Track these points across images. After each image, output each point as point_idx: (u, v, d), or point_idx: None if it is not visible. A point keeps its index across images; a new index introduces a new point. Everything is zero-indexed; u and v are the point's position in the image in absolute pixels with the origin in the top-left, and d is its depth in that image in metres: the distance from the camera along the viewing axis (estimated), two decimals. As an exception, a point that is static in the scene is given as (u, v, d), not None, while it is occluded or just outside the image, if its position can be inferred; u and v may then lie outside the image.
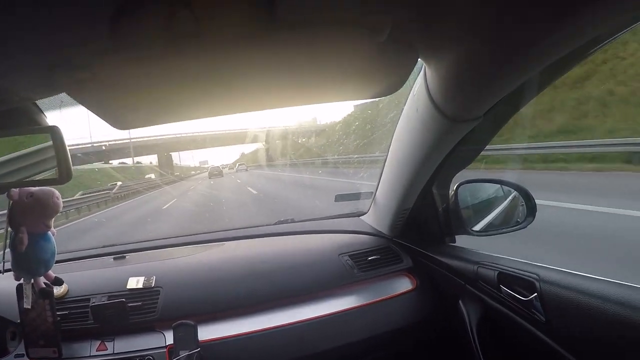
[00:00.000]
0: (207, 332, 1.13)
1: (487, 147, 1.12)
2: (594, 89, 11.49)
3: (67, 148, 0.89)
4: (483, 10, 0.60)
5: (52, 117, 0.96)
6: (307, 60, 0.78)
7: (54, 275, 1.10)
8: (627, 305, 0.72)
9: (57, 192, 1.02)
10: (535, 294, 0.91)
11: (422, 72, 0.90)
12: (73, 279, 1.24)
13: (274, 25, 0.63)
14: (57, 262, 1.09)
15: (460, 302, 1.18)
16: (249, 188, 14.45)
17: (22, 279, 1.04)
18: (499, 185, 1.37)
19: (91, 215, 12.59)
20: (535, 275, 0.93)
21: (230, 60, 0.73)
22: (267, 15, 0.61)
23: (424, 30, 0.70)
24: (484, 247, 1.23)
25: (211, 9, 0.58)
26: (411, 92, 0.99)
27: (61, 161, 0.88)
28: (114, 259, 1.43)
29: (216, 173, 26.39)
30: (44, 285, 1.07)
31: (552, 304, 0.88)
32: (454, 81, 0.80)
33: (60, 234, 1.11)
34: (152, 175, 32.87)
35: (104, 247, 1.57)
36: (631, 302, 0.72)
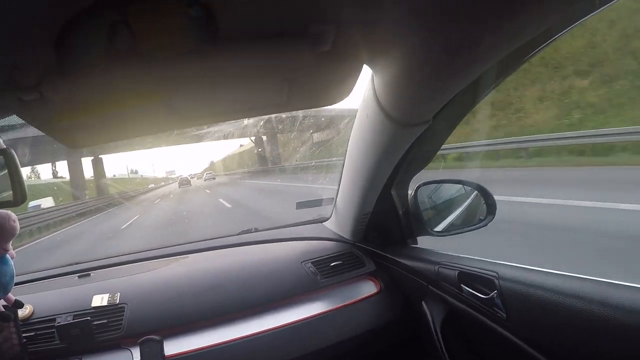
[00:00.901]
0: (174, 347, 1.12)
1: (445, 146, 1.14)
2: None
3: (21, 170, 0.89)
4: (423, 14, 0.62)
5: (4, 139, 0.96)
6: (253, 73, 0.78)
7: (14, 298, 1.09)
8: (582, 297, 0.74)
9: (13, 215, 1.02)
10: (496, 291, 0.93)
11: (370, 78, 0.91)
12: (38, 299, 1.22)
13: (216, 39, 0.64)
14: (22, 283, 1.08)
15: (423, 302, 1.19)
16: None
17: None
18: (460, 185, 1.40)
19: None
20: (494, 273, 0.95)
21: (174, 76, 0.74)
22: (209, 31, 0.62)
23: (367, 37, 0.72)
24: (448, 247, 1.25)
25: (150, 27, 0.59)
26: (362, 98, 1.01)
27: (15, 183, 0.88)
28: (79, 277, 1.41)
29: (185, 183, 31.12)
30: (2, 309, 1.06)
31: (512, 301, 0.89)
32: (400, 86, 0.82)
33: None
34: (41, 204, 18.82)
35: (68, 265, 1.54)
36: (586, 294, 0.74)
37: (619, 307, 0.69)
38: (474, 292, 1.00)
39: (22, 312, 1.14)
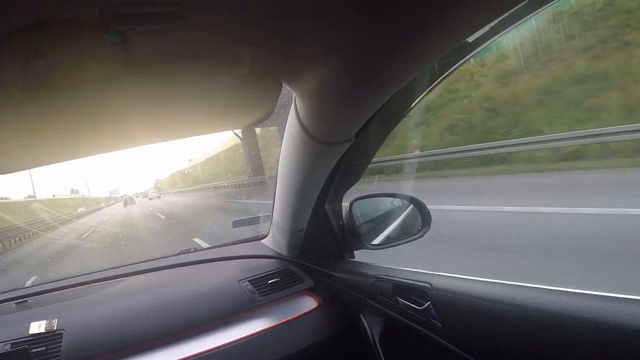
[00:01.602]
0: None
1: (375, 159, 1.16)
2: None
3: None
4: (334, 39, 0.63)
5: None
6: (172, 96, 0.79)
7: None
8: (511, 302, 0.76)
9: None
10: (430, 301, 0.94)
11: (293, 97, 0.92)
12: None
13: (131, 64, 0.64)
14: None
15: (361, 316, 1.19)
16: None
17: None
18: (396, 199, 1.43)
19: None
20: (427, 284, 0.96)
21: (92, 100, 0.73)
22: (122, 56, 0.61)
23: (283, 56, 0.72)
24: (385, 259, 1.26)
25: (64, 54, 0.58)
26: (288, 117, 1.02)
27: None
28: (16, 304, 1.35)
29: (129, 202, 32.26)
30: None
31: (446, 310, 0.91)
32: (319, 105, 0.82)
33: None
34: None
35: (5, 292, 1.47)
36: (514, 300, 0.76)
37: (546, 310, 0.71)
38: (409, 303, 1.01)
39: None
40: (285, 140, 1.08)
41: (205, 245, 8.07)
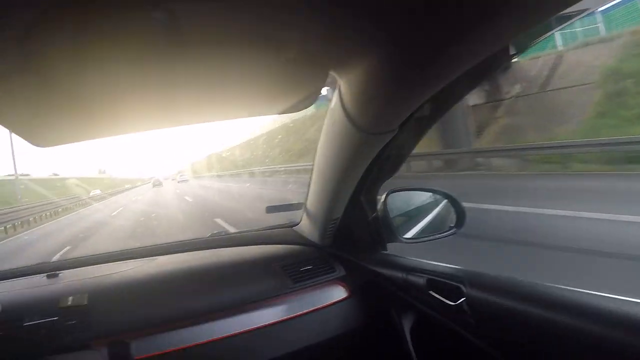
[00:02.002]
0: (142, 348, 1.10)
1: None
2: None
3: None
4: (390, 21, 0.61)
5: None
6: (217, 78, 0.78)
7: None
8: (548, 305, 0.76)
9: None
10: (464, 298, 0.93)
11: (337, 85, 0.90)
12: (4, 299, 1.19)
13: (180, 44, 0.63)
14: None
15: (392, 309, 1.19)
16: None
17: None
18: (430, 193, 1.41)
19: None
20: (462, 280, 0.95)
21: (139, 78, 0.74)
22: (175, 35, 0.61)
23: (333, 45, 0.71)
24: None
25: (115, 29, 0.58)
26: (329, 105, 1.01)
27: None
28: (47, 277, 1.38)
29: (157, 184, 34.32)
30: None
31: (480, 307, 0.90)
32: (366, 95, 0.81)
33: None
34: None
35: (37, 265, 1.51)
36: (552, 302, 0.75)
37: (586, 314, 0.70)
38: (442, 298, 1.01)
39: (-14, 313, 1.10)
40: (326, 129, 1.07)
41: (225, 225, 8.19)
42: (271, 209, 1.84)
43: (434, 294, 1.04)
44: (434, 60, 0.66)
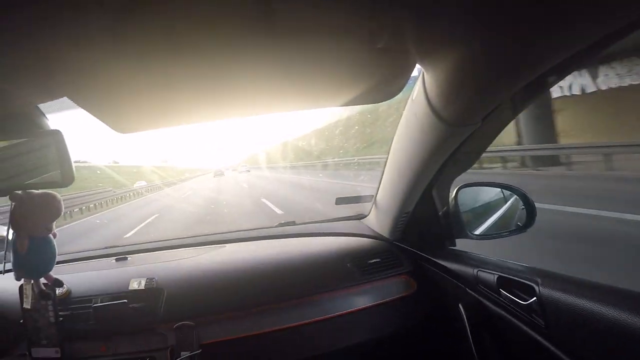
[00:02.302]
0: (208, 334, 1.14)
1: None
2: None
3: (69, 152, 0.89)
4: (481, 13, 0.60)
5: (54, 121, 0.97)
6: (305, 66, 0.78)
7: (54, 276, 1.10)
8: (626, 310, 0.72)
9: (58, 196, 1.03)
10: (535, 298, 0.91)
11: (420, 77, 0.89)
12: (75, 279, 1.25)
13: (272, 32, 0.64)
14: (60, 262, 1.10)
15: (460, 305, 1.18)
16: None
17: (23, 279, 1.05)
18: (499, 189, 1.37)
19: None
20: (534, 280, 0.93)
21: (228, 66, 0.74)
22: (266, 22, 0.61)
23: (422, 35, 0.70)
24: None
25: (211, 16, 0.59)
26: (410, 97, 0.99)
27: (64, 164, 0.89)
28: (116, 260, 1.44)
29: (219, 174, 35.50)
30: (43, 287, 1.08)
31: (552, 309, 0.87)
32: (452, 86, 0.80)
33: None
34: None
35: (106, 248, 1.57)
36: (630, 307, 0.72)
37: None
38: (512, 297, 0.98)
39: (59, 291, 1.16)
40: (406, 122, 1.06)
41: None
42: (340, 201, 1.84)
43: (504, 291, 1.01)
44: (523, 54, 0.65)
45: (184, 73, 0.75)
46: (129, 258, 1.45)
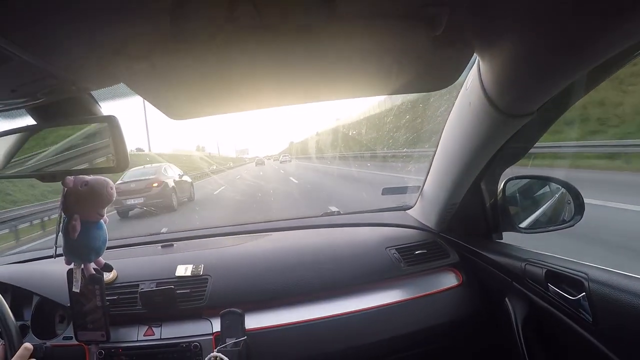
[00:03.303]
0: (255, 321, 1.14)
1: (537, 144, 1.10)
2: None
3: (124, 137, 0.90)
4: (539, 2, 0.59)
5: (108, 107, 0.98)
6: (363, 53, 0.77)
7: (103, 261, 1.12)
8: None
9: (111, 182, 1.04)
10: (584, 293, 0.89)
11: (475, 66, 0.89)
12: (122, 265, 1.27)
13: (331, 17, 0.63)
14: (107, 248, 1.11)
15: (506, 299, 1.16)
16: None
17: (73, 263, 1.07)
18: (546, 182, 1.34)
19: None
20: (584, 275, 0.91)
21: (287, 52, 0.73)
22: (326, 7, 0.60)
23: (480, 23, 0.70)
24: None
25: (273, 2, 0.58)
26: (464, 86, 0.98)
27: (119, 150, 0.90)
28: (162, 247, 1.46)
29: (260, 163, 36.90)
30: (93, 271, 1.09)
31: (601, 305, 0.85)
32: (509, 75, 0.79)
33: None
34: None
35: (152, 234, 1.60)
36: None
37: None
38: (560, 292, 0.97)
39: (106, 276, 1.19)
40: (459, 111, 1.04)
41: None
42: (387, 191, 1.83)
43: (552, 286, 1.00)
44: (581, 45, 0.63)
45: (241, 60, 0.74)
46: (175, 245, 1.47)
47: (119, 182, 9.02)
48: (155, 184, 9.56)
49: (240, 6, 0.59)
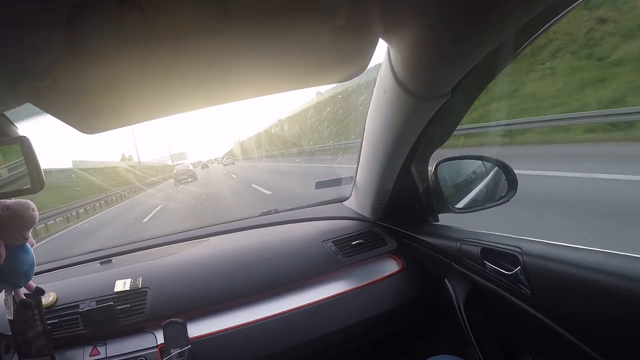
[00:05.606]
0: (197, 329, 1.13)
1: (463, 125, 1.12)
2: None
3: (37, 158, 0.88)
4: None
5: (23, 128, 0.95)
6: (266, 50, 0.77)
7: (34, 285, 1.09)
8: (607, 272, 0.72)
9: (32, 204, 1.01)
10: (519, 267, 0.91)
11: (386, 52, 0.89)
12: (61, 286, 1.24)
13: (227, 16, 0.62)
14: (45, 271, 1.09)
15: (446, 280, 1.18)
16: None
17: (4, 290, 1.04)
18: (480, 162, 1.37)
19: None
20: (517, 249, 0.93)
21: (185, 55, 0.73)
22: (219, 7, 0.60)
23: (382, 9, 0.69)
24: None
25: (161, 6, 0.58)
26: (379, 74, 0.99)
27: (32, 171, 0.87)
28: (101, 263, 1.43)
29: (204, 167, 36.17)
30: (24, 297, 1.06)
31: (536, 277, 0.87)
32: (417, 59, 0.79)
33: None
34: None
35: (90, 252, 1.56)
36: (613, 270, 0.71)
37: None
38: (497, 268, 0.99)
39: (46, 300, 1.16)
40: (376, 99, 1.05)
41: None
42: (320, 185, 1.84)
43: (488, 263, 1.01)
44: (487, 19, 0.64)
45: (139, 67, 0.73)
46: (113, 260, 1.44)
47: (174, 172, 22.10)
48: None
49: (127, 15, 0.59)
